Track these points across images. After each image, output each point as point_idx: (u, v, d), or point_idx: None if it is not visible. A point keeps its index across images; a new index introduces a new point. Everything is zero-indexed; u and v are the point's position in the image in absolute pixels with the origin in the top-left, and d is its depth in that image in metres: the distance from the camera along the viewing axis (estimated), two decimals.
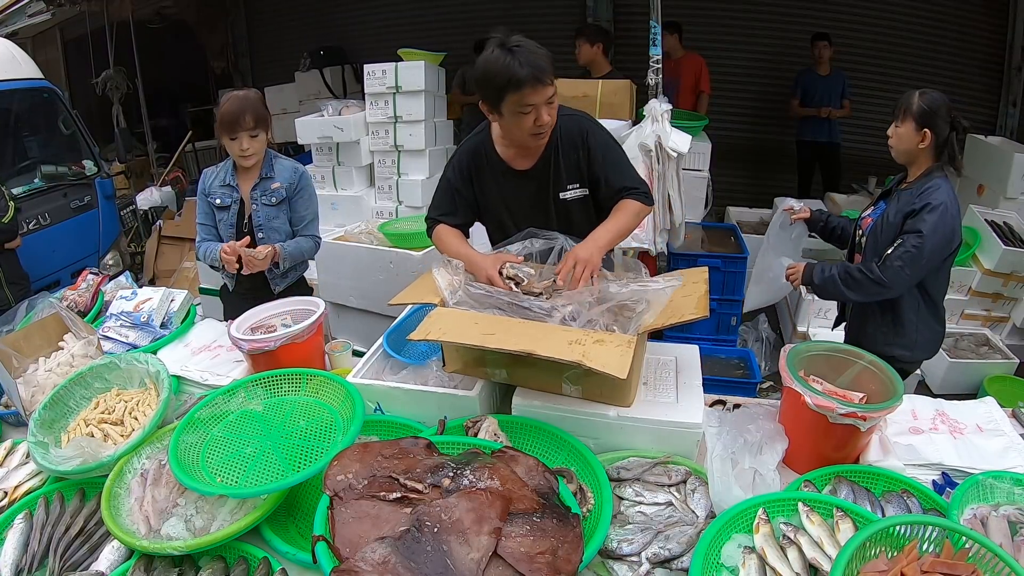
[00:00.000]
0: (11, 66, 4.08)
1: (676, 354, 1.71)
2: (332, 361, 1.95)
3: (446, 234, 1.82)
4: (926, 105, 1.89)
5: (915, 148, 1.94)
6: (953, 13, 4.96)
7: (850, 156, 5.09)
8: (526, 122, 1.57)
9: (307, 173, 2.35)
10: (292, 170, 2.29)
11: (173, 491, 1.40)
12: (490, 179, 1.78)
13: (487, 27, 6.16)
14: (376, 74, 3.87)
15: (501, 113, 1.59)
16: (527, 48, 1.51)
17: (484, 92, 1.58)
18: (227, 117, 2.10)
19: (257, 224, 2.28)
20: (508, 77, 1.50)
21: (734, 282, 3.44)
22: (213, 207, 2.29)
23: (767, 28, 5.33)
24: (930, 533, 1.05)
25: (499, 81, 1.51)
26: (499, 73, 1.50)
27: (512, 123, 1.60)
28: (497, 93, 1.54)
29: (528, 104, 1.54)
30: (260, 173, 2.26)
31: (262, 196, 2.26)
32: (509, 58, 1.50)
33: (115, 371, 1.79)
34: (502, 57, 1.50)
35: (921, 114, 1.89)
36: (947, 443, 1.44)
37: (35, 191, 4.03)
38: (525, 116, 1.56)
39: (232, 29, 7.32)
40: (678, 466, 1.41)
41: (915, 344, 2.03)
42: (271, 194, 2.26)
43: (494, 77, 1.52)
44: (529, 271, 1.59)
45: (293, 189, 2.28)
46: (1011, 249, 3.39)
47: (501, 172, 1.77)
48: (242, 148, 2.14)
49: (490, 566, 1.00)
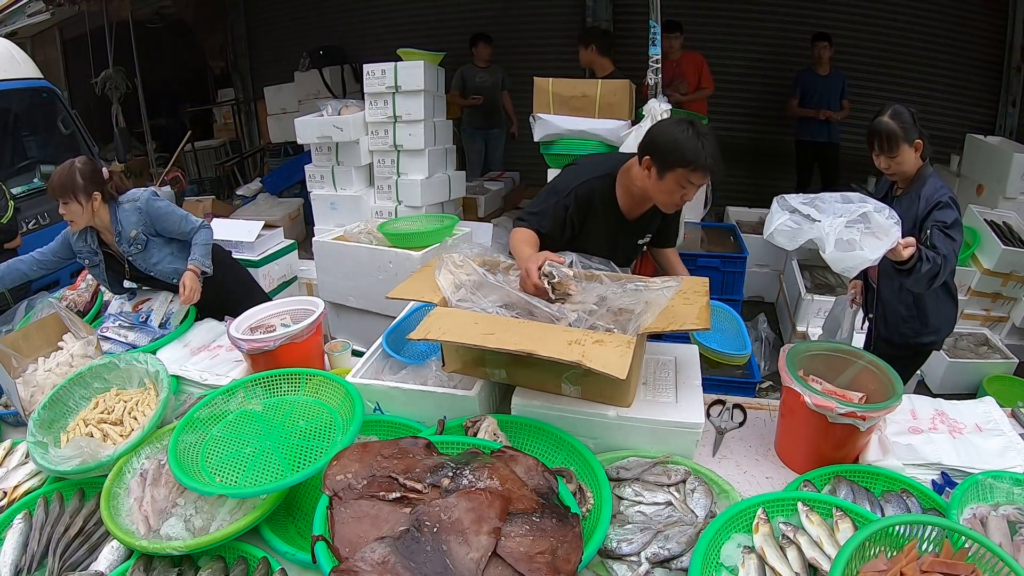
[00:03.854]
0: (10, 66, 4.08)
1: (675, 354, 1.71)
2: (331, 361, 1.95)
3: (525, 235, 1.84)
4: (904, 121, 1.98)
5: (916, 162, 2.02)
6: (953, 13, 4.97)
7: (849, 156, 5.09)
8: (676, 194, 1.74)
9: (147, 198, 2.29)
10: (136, 212, 2.26)
11: (172, 491, 1.40)
12: (603, 221, 1.91)
13: (487, 27, 6.15)
14: (375, 74, 3.87)
15: (661, 177, 1.71)
16: (712, 141, 1.67)
17: (664, 157, 1.69)
18: (49, 189, 2.17)
19: (146, 269, 2.32)
20: (695, 157, 1.64)
21: (733, 282, 3.44)
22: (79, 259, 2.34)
23: (767, 28, 5.33)
24: (929, 533, 1.05)
25: (687, 157, 1.65)
26: (689, 151, 1.64)
27: (663, 189, 1.73)
28: (675, 163, 1.67)
29: (691, 184, 1.70)
30: (114, 231, 2.26)
31: (130, 247, 2.27)
32: (699, 143, 1.64)
33: (114, 371, 1.79)
34: (694, 140, 1.64)
35: (907, 132, 1.97)
36: (946, 443, 1.44)
37: (34, 191, 4.02)
38: (680, 190, 1.72)
39: (231, 29, 7.32)
40: (677, 466, 1.41)
41: (939, 329, 2.18)
42: (134, 243, 2.27)
43: (684, 152, 1.65)
44: (567, 272, 1.59)
45: (148, 221, 2.27)
46: (1010, 249, 3.39)
47: (616, 218, 1.92)
48: (61, 213, 2.17)
49: (490, 566, 1.00)
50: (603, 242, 1.90)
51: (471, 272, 1.67)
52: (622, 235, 1.97)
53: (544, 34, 5.80)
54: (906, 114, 1.98)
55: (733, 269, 3.43)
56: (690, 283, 1.66)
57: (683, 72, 4.66)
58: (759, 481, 1.47)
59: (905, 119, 1.98)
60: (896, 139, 1.98)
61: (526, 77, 3.54)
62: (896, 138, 1.98)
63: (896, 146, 1.99)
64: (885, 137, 1.99)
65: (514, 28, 5.87)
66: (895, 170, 2.04)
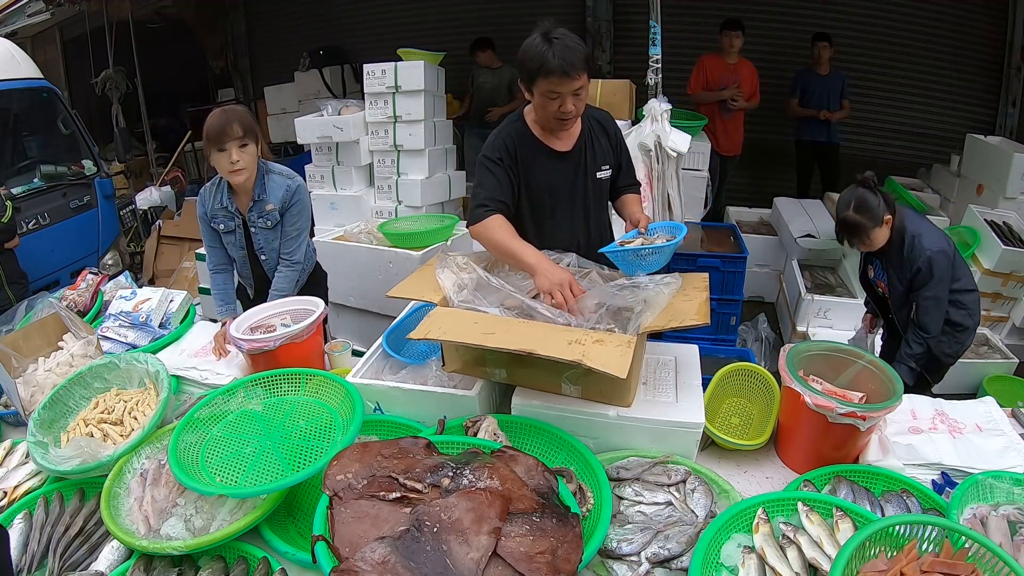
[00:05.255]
0: (10, 66, 4.08)
1: (675, 354, 1.71)
2: (331, 361, 1.95)
3: (498, 226, 1.74)
4: (869, 209, 2.09)
5: (887, 233, 2.14)
6: (953, 13, 4.96)
7: (849, 156, 5.09)
8: (551, 106, 1.72)
9: (302, 187, 2.22)
10: (285, 188, 2.16)
11: (172, 491, 1.40)
12: (534, 160, 1.86)
13: (487, 27, 6.14)
14: (375, 74, 3.87)
15: (531, 95, 1.75)
16: (564, 41, 1.65)
17: (520, 73, 1.74)
18: (213, 129, 1.99)
19: (258, 248, 2.23)
20: (540, 64, 1.65)
21: (733, 282, 3.44)
22: (215, 231, 2.22)
23: (767, 28, 5.33)
24: (929, 533, 1.05)
25: (532, 66, 1.67)
26: (533, 59, 1.66)
27: (539, 104, 1.75)
28: (530, 76, 1.69)
29: (555, 91, 1.68)
30: (254, 195, 2.14)
31: (259, 219, 2.17)
32: (545, 47, 1.64)
33: (114, 371, 1.80)
34: (540, 45, 1.65)
35: (874, 218, 2.09)
36: (946, 443, 1.44)
37: (34, 191, 4.02)
38: (551, 101, 1.70)
39: (231, 29, 7.32)
40: (677, 466, 1.40)
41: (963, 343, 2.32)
42: (267, 217, 2.16)
43: (528, 62, 1.67)
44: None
45: (287, 204, 2.18)
46: (1010, 249, 3.39)
47: (544, 154, 1.87)
48: (231, 160, 2.00)
49: (490, 566, 1.00)
50: (546, 182, 1.86)
51: (473, 272, 1.67)
52: (567, 170, 1.88)
53: None
54: (870, 199, 2.08)
55: (733, 269, 3.42)
56: (689, 279, 1.66)
57: (741, 80, 4.50)
58: (759, 481, 1.47)
59: (871, 206, 2.08)
60: (864, 230, 2.11)
61: None
62: (864, 230, 2.11)
63: (866, 236, 2.13)
64: (855, 232, 2.14)
65: (514, 28, 5.86)
66: (871, 247, 2.18)
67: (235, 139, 2.00)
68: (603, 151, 1.93)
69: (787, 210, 4.30)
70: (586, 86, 1.71)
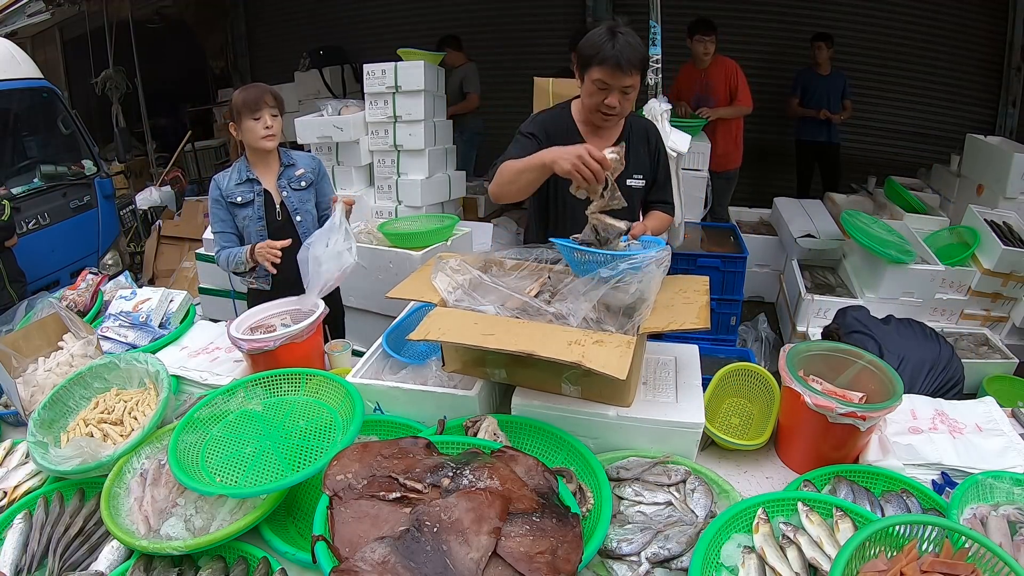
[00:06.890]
0: (11, 66, 4.08)
1: (675, 354, 1.71)
2: (331, 361, 1.95)
3: (507, 165, 1.78)
4: None
5: None
6: (953, 13, 4.97)
7: (850, 156, 5.09)
8: (598, 97, 1.77)
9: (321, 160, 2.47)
10: (311, 157, 2.40)
11: (172, 491, 1.40)
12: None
13: (487, 27, 6.12)
14: (375, 74, 3.87)
15: (583, 81, 1.79)
16: (626, 38, 1.70)
17: (578, 60, 1.79)
18: (251, 97, 2.15)
19: (293, 209, 2.32)
20: (596, 51, 1.70)
21: (733, 282, 3.44)
22: (234, 206, 2.26)
23: (767, 28, 5.33)
24: (929, 533, 1.05)
25: (589, 53, 1.72)
26: (591, 47, 1.72)
27: (587, 92, 1.79)
28: (585, 62, 1.75)
29: (604, 82, 1.73)
30: (281, 160, 2.32)
31: (290, 183, 2.31)
32: (607, 38, 1.69)
33: (114, 371, 1.79)
34: (602, 36, 1.71)
35: None
36: (946, 443, 1.44)
37: (34, 191, 4.02)
38: (599, 91, 1.76)
39: (231, 29, 7.32)
40: (677, 466, 1.40)
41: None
42: (298, 180, 2.32)
43: (587, 48, 1.73)
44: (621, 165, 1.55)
45: (318, 174, 2.38)
46: (1010, 249, 3.38)
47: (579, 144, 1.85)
48: (266, 126, 2.17)
49: (490, 566, 1.00)
50: None
51: (467, 274, 1.66)
52: None
53: (544, 34, 5.80)
54: None
55: (733, 269, 3.43)
56: (690, 282, 1.65)
57: (712, 86, 4.09)
58: (759, 481, 1.47)
59: None
60: None
61: (526, 77, 3.54)
62: None
63: None
64: None
65: (514, 28, 5.87)
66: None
67: (269, 107, 2.17)
68: (639, 159, 1.94)
69: (787, 210, 4.30)
70: (636, 86, 1.76)
